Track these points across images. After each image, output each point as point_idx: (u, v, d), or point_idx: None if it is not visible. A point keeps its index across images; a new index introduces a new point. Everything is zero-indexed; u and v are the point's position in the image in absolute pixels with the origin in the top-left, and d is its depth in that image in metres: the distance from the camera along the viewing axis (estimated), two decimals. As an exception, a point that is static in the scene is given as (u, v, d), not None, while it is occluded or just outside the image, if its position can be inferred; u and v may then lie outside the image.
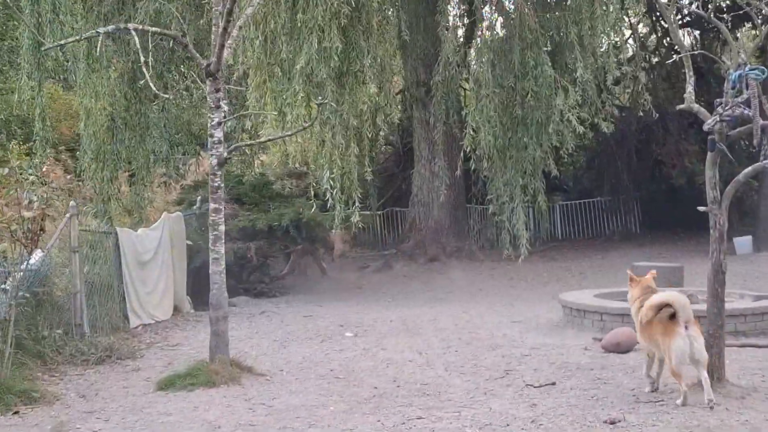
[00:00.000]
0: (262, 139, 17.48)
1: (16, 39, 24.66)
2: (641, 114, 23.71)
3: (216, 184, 11.76)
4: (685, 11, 23.23)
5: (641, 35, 29.16)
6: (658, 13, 26.29)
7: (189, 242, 18.58)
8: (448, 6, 19.56)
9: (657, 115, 23.03)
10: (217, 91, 11.47)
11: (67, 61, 22.58)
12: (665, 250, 24.81)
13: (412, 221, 25.89)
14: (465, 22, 20.23)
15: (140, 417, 10.10)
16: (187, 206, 21.14)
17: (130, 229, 17.16)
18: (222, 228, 11.85)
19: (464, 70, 18.84)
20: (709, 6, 11.17)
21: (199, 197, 20.73)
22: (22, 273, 12.61)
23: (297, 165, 24.32)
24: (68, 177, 23.61)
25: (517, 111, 18.53)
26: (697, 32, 30.44)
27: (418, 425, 9.29)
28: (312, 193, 19.19)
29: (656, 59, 29.73)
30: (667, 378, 10.19)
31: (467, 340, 14.36)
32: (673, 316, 9.74)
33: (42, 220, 11.17)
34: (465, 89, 18.80)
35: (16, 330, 12.28)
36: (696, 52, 13.94)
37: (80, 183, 22.65)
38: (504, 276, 22.44)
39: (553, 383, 11.02)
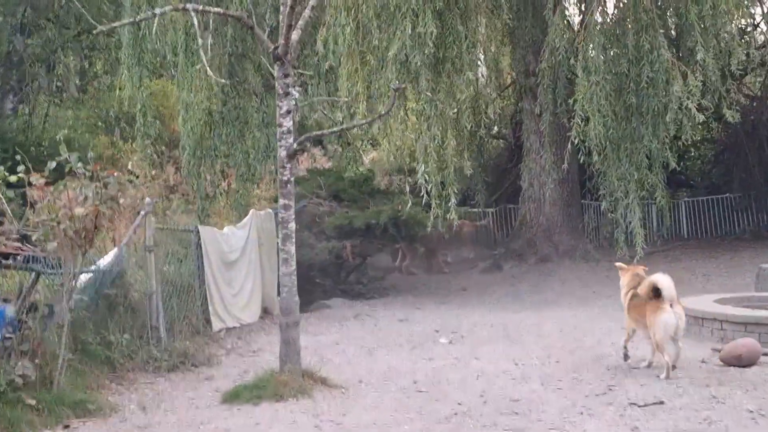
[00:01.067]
0: (334, 129, 16.66)
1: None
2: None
3: (285, 178, 10.91)
4: None
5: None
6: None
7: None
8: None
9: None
10: (286, 76, 10.61)
11: (166, 56, 22.10)
12: (800, 249, 23.06)
13: (522, 218, 24.63)
14: (574, 2, 18.83)
15: (195, 435, 9.30)
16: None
17: (214, 228, 16.43)
18: (292, 226, 11.02)
19: (573, 56, 17.43)
20: None
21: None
22: (86, 275, 12.05)
23: (406, 160, 23.33)
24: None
25: (631, 99, 17.12)
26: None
27: (496, 454, 8.26)
28: (407, 189, 18.19)
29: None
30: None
31: (571, 349, 13.18)
32: (659, 296, 11.15)
33: (95, 217, 10.40)
34: (575, 75, 17.33)
35: (81, 335, 11.72)
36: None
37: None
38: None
39: (661, 402, 9.82)
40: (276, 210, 18.20)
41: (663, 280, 11.23)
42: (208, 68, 11.01)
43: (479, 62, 19.54)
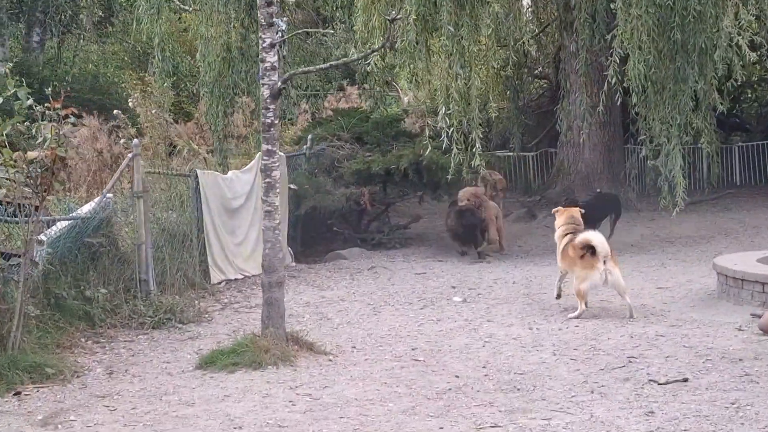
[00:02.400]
0: (323, 66, 15.65)
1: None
2: None
3: (269, 121, 9.91)
4: None
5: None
6: None
7: (293, 186, 16.85)
8: None
9: None
10: (269, 5, 9.55)
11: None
12: None
13: (560, 164, 23.49)
14: None
15: (155, 407, 8.44)
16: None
17: (216, 172, 15.53)
18: (276, 174, 10.06)
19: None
20: None
21: (310, 135, 19.11)
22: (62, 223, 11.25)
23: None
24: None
25: (676, 35, 15.82)
26: None
27: (489, 439, 7.27)
28: (427, 133, 17.04)
29: None
30: None
31: (594, 312, 12.18)
32: (593, 253, 11.80)
33: (53, 162, 9.53)
34: (615, 8, 16.05)
35: (54, 288, 10.92)
36: None
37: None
38: (663, 229, 19.80)
39: (685, 379, 8.78)
40: (289, 153, 17.41)
41: (596, 238, 11.97)
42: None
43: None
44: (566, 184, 22.46)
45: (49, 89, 10.11)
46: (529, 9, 21.67)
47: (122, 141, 13.19)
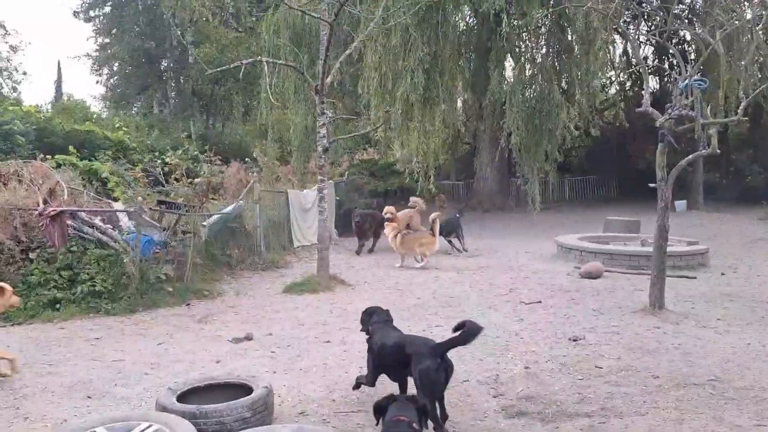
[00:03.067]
0: (352, 134, 15.21)
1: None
2: (618, 125, 19.95)
3: (321, 164, 9.51)
4: (645, 38, 19.27)
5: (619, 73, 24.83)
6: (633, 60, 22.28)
7: (338, 198, 16.38)
8: (498, 56, 16.31)
9: (628, 125, 19.64)
10: (322, 103, 9.14)
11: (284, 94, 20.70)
12: (631, 209, 20.89)
13: (475, 187, 22.75)
14: (508, 64, 17.07)
15: (259, 312, 8.06)
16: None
17: (297, 190, 15.02)
18: (325, 192, 9.69)
19: (504, 96, 15.67)
20: (663, 36, 8.05)
21: (346, 173, 18.65)
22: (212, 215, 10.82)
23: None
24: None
25: (536, 121, 15.37)
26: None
27: (434, 332, 6.80)
28: (406, 171, 16.55)
29: (630, 91, 25.45)
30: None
31: (493, 265, 11.67)
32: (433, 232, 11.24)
33: (208, 184, 9.16)
34: (504, 108, 15.56)
35: (211, 249, 10.51)
36: (652, 67, 10.86)
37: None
38: (528, 222, 19.07)
39: (539, 301, 8.35)
40: (336, 181, 16.91)
41: (430, 221, 11.46)
42: (271, 97, 9.54)
43: (454, 99, 17.65)
44: (479, 199, 21.77)
45: (207, 148, 9.69)
46: (461, 107, 20.96)
47: (251, 174, 12.60)
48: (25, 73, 31.03)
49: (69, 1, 44.75)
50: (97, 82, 37.09)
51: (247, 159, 17.10)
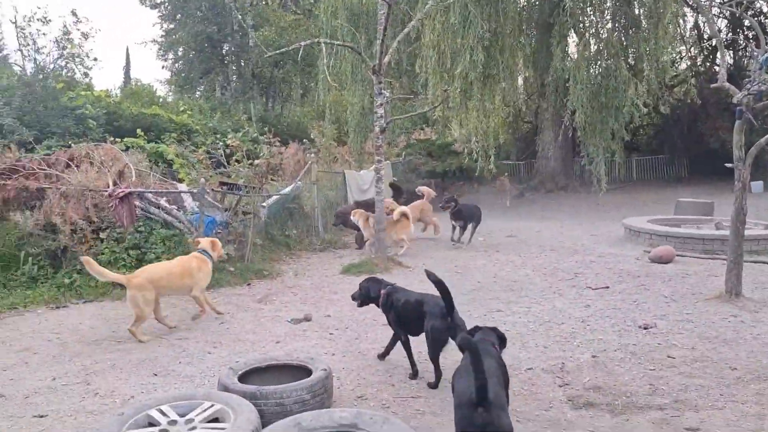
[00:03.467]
0: (408, 114, 14.93)
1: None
2: (689, 101, 18.85)
3: (378, 144, 9.40)
4: (719, 10, 18.05)
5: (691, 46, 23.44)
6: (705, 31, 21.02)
7: (395, 179, 16.26)
8: (562, 31, 15.68)
9: (700, 101, 18.57)
10: (380, 83, 9.01)
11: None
12: (704, 190, 20.02)
13: (537, 167, 22.18)
14: (571, 40, 16.33)
15: (316, 293, 8.07)
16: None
17: (354, 171, 15.02)
18: (383, 172, 9.55)
19: (568, 73, 15.09)
20: (740, 6, 7.48)
21: (403, 153, 18.48)
22: (275, 197, 10.91)
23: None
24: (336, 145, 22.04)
25: (602, 99, 14.68)
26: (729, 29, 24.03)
27: (495, 317, 6.68)
28: (465, 151, 16.17)
29: (701, 66, 24.06)
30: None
31: (556, 247, 11.32)
32: (407, 218, 10.69)
33: (267, 165, 9.20)
34: (568, 85, 14.98)
35: (270, 230, 10.64)
36: (728, 38, 10.13)
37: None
38: (593, 203, 18.54)
39: (607, 287, 8.00)
40: (393, 162, 16.78)
41: (407, 210, 10.96)
42: (329, 78, 9.44)
43: (515, 76, 17.10)
44: (541, 179, 21.21)
45: (267, 129, 9.75)
46: (522, 85, 20.34)
47: (308, 155, 12.66)
48: (96, 59, 31.97)
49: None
50: (163, 67, 38.12)
51: (305, 140, 17.22)
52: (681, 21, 17.94)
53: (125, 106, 17.29)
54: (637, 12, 16.02)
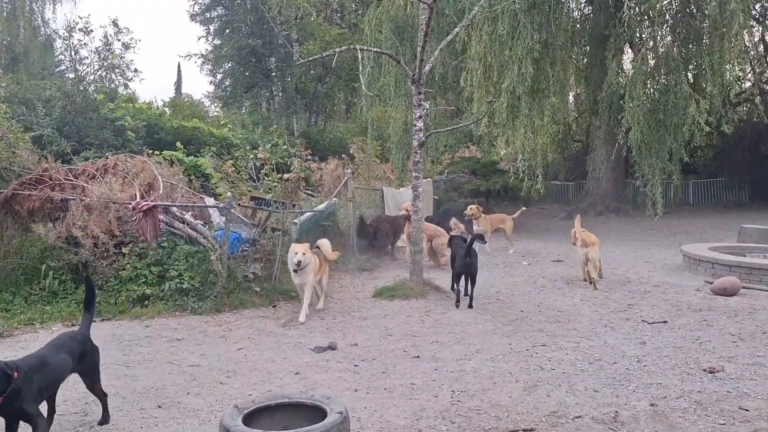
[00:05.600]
0: (448, 128, 14.35)
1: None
2: (755, 120, 17.72)
3: (417, 159, 8.87)
4: None
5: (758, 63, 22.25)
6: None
7: (436, 197, 15.74)
8: (617, 44, 14.97)
9: (767, 121, 17.46)
10: (420, 93, 8.53)
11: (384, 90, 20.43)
12: (765, 216, 18.69)
13: (588, 188, 21.25)
14: (626, 55, 15.53)
15: (346, 319, 7.60)
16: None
17: (392, 188, 14.56)
18: (420, 189, 8.99)
19: (623, 89, 14.31)
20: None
21: (446, 170, 17.93)
22: (304, 213, 10.53)
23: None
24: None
25: (660, 116, 13.87)
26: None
27: (539, 352, 6.05)
28: (510, 169, 15.56)
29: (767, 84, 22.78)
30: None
31: (606, 274, 10.51)
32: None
33: (297, 181, 8.81)
34: (623, 101, 14.20)
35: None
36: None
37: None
38: (648, 228, 17.56)
39: (665, 321, 7.25)
40: (435, 179, 16.27)
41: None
42: (364, 87, 9.05)
43: (566, 91, 16.43)
44: (591, 200, 20.31)
45: (299, 142, 9.41)
46: (572, 101, 19.66)
47: (346, 170, 12.28)
48: (136, 70, 32.68)
49: (184, 4, 47.27)
50: (211, 82, 38.71)
51: (343, 155, 16.89)
52: (746, 35, 17.01)
53: (166, 119, 17.34)
54: (699, 24, 15.17)
